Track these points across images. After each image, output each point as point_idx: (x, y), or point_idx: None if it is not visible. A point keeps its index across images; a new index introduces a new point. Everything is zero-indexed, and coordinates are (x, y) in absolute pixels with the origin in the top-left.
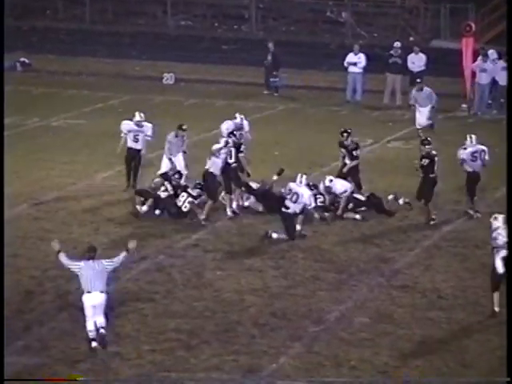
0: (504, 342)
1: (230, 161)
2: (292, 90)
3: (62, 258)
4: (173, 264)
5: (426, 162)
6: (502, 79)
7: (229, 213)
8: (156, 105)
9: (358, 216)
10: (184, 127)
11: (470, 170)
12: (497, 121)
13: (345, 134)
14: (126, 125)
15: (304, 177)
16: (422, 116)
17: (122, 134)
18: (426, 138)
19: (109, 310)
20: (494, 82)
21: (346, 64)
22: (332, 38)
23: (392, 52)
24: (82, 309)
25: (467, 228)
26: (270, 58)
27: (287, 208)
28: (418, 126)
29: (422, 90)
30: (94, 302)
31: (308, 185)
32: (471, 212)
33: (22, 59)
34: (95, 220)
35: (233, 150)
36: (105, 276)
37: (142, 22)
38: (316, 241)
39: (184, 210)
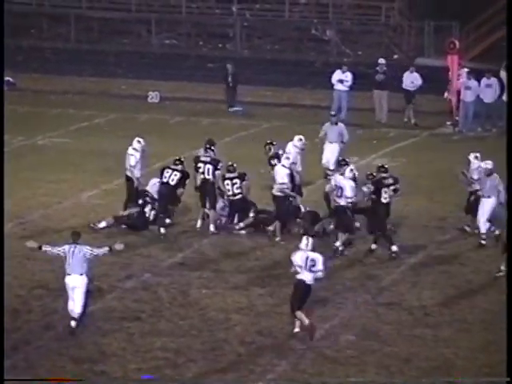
0: (491, 359)
1: (208, 177)
2: (277, 108)
3: (47, 248)
4: (159, 282)
5: (372, 188)
6: (487, 97)
7: (211, 228)
8: (141, 123)
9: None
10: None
11: (477, 188)
12: (481, 138)
13: (266, 147)
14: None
15: (352, 169)
16: (330, 154)
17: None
18: (382, 166)
19: (95, 327)
20: (478, 99)
21: (333, 81)
22: (317, 56)
23: (377, 68)
24: (68, 326)
25: (453, 245)
26: (230, 79)
27: (338, 203)
28: (325, 163)
29: (336, 124)
30: (73, 283)
31: (354, 178)
32: (468, 229)
33: (7, 78)
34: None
35: (210, 166)
36: (85, 261)
37: (126, 41)
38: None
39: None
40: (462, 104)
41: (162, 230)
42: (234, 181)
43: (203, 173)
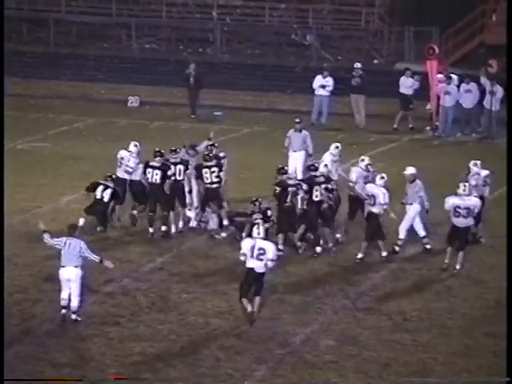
0: (470, 364)
1: (179, 178)
2: (257, 113)
3: (46, 238)
4: (138, 287)
5: (278, 190)
6: (466, 102)
7: (181, 225)
8: (121, 128)
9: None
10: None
11: (476, 195)
12: (461, 143)
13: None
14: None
15: (383, 176)
16: (296, 162)
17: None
18: (282, 167)
19: (74, 332)
20: (458, 104)
21: (314, 87)
22: (297, 61)
23: (353, 73)
24: (47, 332)
25: (433, 250)
26: (192, 80)
27: (371, 211)
28: (292, 173)
29: (300, 131)
30: (67, 275)
31: (386, 187)
32: (481, 239)
33: None
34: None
35: (182, 167)
36: (80, 255)
37: (106, 46)
38: (281, 263)
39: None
40: (441, 109)
41: (163, 228)
42: (213, 169)
43: (174, 174)
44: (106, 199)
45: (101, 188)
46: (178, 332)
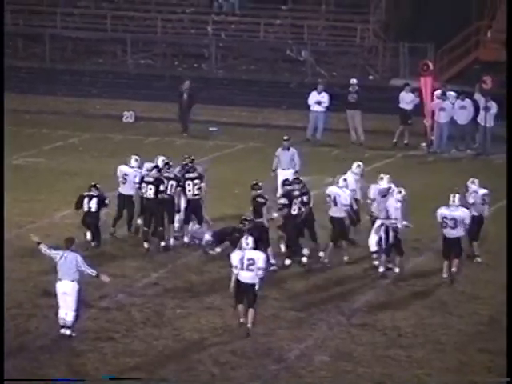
0: (464, 380)
1: (170, 193)
2: (252, 129)
3: (43, 248)
4: (133, 303)
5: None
6: (461, 118)
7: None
8: (116, 143)
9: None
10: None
11: (475, 214)
12: (456, 159)
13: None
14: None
15: (401, 191)
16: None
17: None
18: (256, 183)
19: (69, 348)
20: (452, 120)
21: (309, 103)
22: (292, 77)
23: (350, 88)
24: (41, 347)
25: (427, 266)
26: (185, 96)
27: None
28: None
29: (288, 149)
30: (63, 289)
31: (403, 201)
32: (477, 258)
33: None
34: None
35: (174, 182)
36: (77, 269)
37: (101, 61)
38: (276, 279)
39: None
40: (436, 125)
41: (162, 243)
42: (195, 181)
43: (165, 189)
44: (93, 209)
45: (86, 200)
46: (172, 347)
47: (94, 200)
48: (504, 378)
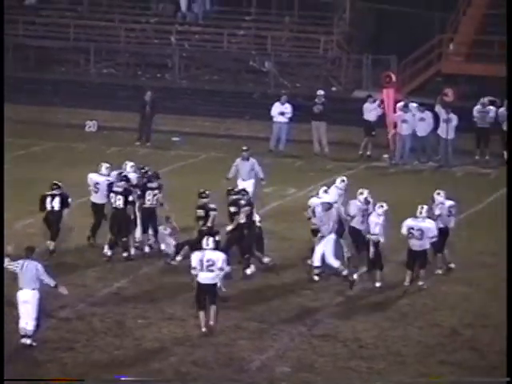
0: None
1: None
2: (215, 139)
3: (6, 262)
4: (94, 312)
5: (201, 213)
6: (420, 130)
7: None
8: (78, 152)
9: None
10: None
11: (441, 225)
12: (418, 171)
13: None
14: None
15: (383, 205)
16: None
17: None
18: (204, 192)
19: (29, 358)
20: (414, 132)
21: (272, 114)
22: (255, 88)
23: (316, 100)
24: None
25: (389, 278)
26: (148, 106)
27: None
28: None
29: (247, 159)
30: (24, 298)
31: (385, 216)
32: (442, 268)
33: None
34: None
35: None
36: (38, 277)
37: (64, 70)
38: (237, 290)
39: None
40: (398, 137)
41: (125, 254)
42: (155, 191)
43: (115, 202)
44: (56, 208)
45: (49, 199)
46: (133, 357)
47: (57, 199)
48: (504, 378)
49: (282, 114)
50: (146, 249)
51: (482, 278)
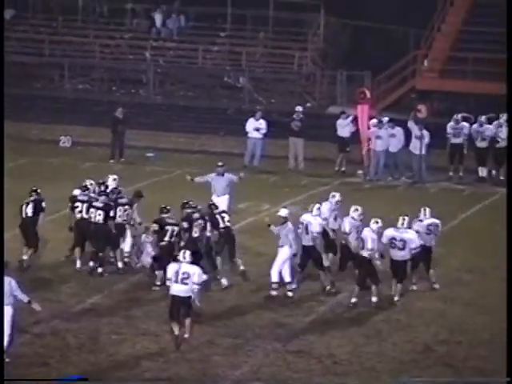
0: None
1: (86, 216)
2: (189, 155)
3: None
4: (68, 328)
5: (154, 226)
6: (392, 146)
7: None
8: (52, 168)
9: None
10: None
11: (422, 243)
12: (392, 187)
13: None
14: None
15: (378, 221)
16: (220, 207)
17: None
18: (165, 207)
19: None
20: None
21: (247, 129)
22: (229, 104)
23: (294, 116)
24: None
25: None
26: (119, 124)
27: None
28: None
29: (223, 175)
30: None
31: (378, 232)
32: (416, 284)
33: None
34: None
35: (86, 205)
36: (9, 293)
37: (39, 85)
38: (211, 305)
39: None
40: (372, 153)
41: (100, 269)
42: (126, 207)
43: (81, 211)
44: (29, 213)
45: (24, 207)
46: (107, 373)
47: (30, 205)
48: (504, 378)
49: (257, 129)
50: (120, 264)
51: (457, 294)
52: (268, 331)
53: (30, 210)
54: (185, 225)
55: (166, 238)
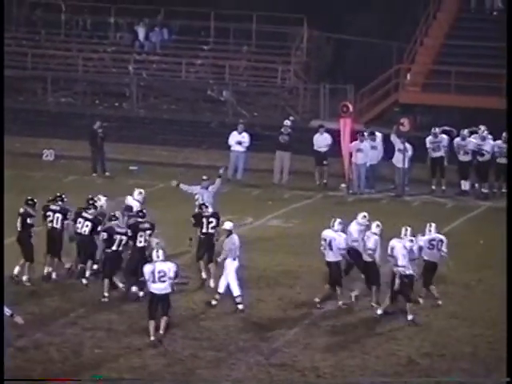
0: None
1: (56, 226)
2: (172, 168)
3: None
4: (51, 342)
5: (104, 235)
6: (371, 158)
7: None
8: (35, 181)
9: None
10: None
11: (425, 258)
12: (374, 200)
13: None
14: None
15: (379, 225)
16: None
17: None
18: (114, 215)
19: None
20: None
21: (230, 143)
22: (213, 117)
23: (282, 130)
24: None
25: (346, 307)
26: (98, 138)
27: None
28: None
29: (207, 188)
30: None
31: (380, 235)
32: (420, 300)
33: None
34: None
35: (60, 215)
36: None
37: (22, 99)
38: (195, 318)
39: None
40: (354, 166)
41: (84, 281)
42: (86, 223)
43: (51, 221)
44: (18, 228)
45: (19, 219)
46: None
47: (19, 219)
48: (504, 378)
49: (240, 143)
50: (120, 284)
51: (441, 307)
52: (251, 344)
53: (18, 225)
54: (129, 233)
55: (114, 248)
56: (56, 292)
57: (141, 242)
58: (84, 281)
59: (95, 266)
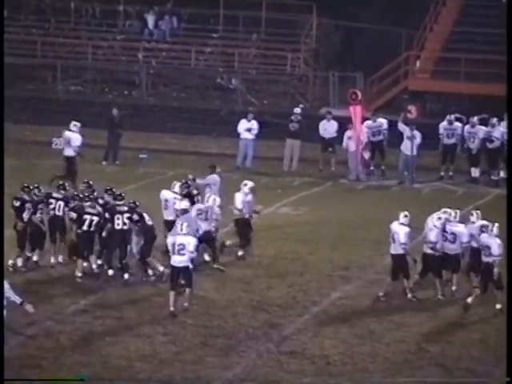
0: None
1: (58, 213)
2: (182, 156)
3: None
4: (61, 330)
5: (73, 215)
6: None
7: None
8: (45, 170)
9: None
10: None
11: (475, 245)
12: (384, 187)
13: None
14: None
15: (407, 215)
16: None
17: None
18: (88, 195)
19: None
20: None
21: (239, 130)
22: (222, 105)
23: (292, 117)
24: None
25: (356, 294)
26: (115, 125)
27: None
28: None
29: (220, 177)
30: None
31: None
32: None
33: None
34: None
35: (62, 203)
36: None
37: (31, 87)
38: (205, 306)
39: None
40: (348, 154)
41: (126, 276)
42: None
43: (54, 209)
44: (25, 219)
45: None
46: (100, 375)
47: (25, 209)
48: (504, 378)
49: (249, 130)
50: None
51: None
52: (261, 332)
53: (26, 216)
54: (106, 215)
55: (85, 227)
56: (66, 280)
57: (118, 224)
58: (126, 276)
59: (99, 261)
